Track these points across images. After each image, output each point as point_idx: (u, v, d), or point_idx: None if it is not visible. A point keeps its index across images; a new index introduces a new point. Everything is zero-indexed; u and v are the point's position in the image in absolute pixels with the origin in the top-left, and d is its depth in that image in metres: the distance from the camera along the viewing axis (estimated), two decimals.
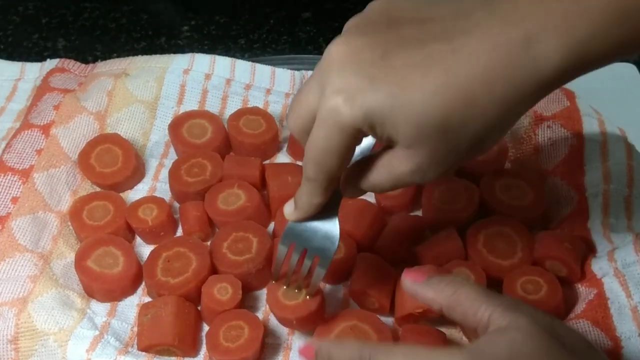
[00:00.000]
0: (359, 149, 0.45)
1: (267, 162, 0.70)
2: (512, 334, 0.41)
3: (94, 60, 0.81)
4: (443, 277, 0.48)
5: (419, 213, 0.66)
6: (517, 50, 0.39)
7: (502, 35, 0.39)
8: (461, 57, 0.39)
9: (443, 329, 0.56)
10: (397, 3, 0.43)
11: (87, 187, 0.67)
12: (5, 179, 0.64)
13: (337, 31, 0.44)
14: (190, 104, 0.74)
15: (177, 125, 0.70)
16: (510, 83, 0.39)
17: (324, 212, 0.49)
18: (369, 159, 0.45)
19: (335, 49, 0.42)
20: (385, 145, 0.44)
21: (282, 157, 0.72)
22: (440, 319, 0.51)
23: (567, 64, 0.39)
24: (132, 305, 0.60)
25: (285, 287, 0.55)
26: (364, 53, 0.41)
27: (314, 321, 0.55)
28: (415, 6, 0.42)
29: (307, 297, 0.54)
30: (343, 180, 0.47)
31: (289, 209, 0.50)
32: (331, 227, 0.50)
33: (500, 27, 0.39)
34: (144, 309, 0.57)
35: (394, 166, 0.43)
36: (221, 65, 0.76)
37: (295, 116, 0.45)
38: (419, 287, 0.48)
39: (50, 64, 0.79)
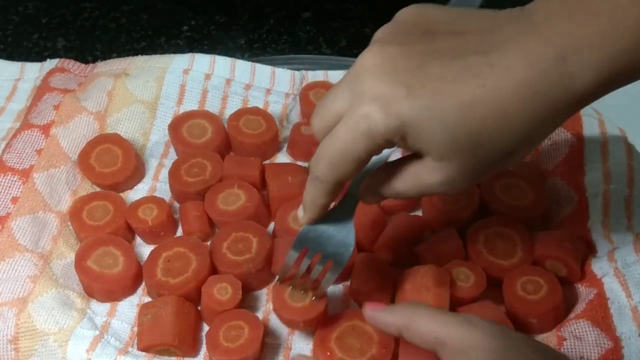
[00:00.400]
0: (374, 158, 0.45)
1: (267, 162, 0.70)
2: (471, 355, 0.43)
3: (94, 60, 0.81)
4: (402, 303, 0.51)
5: (419, 213, 0.66)
6: (552, 66, 0.39)
7: (538, 51, 0.39)
8: (498, 72, 0.39)
9: None
10: (430, 14, 0.43)
11: (87, 187, 0.67)
12: (5, 179, 0.64)
13: (337, 31, 0.44)
14: (190, 104, 0.74)
15: (177, 125, 0.70)
16: (544, 99, 0.39)
17: (339, 218, 0.49)
18: (393, 167, 0.45)
19: (371, 57, 0.42)
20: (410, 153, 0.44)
21: (282, 157, 0.72)
22: None
23: (600, 81, 0.40)
24: (132, 305, 0.60)
25: (290, 287, 0.55)
26: (400, 62, 0.41)
27: (319, 322, 0.55)
28: (449, 18, 0.43)
29: (313, 298, 0.54)
30: (364, 186, 0.47)
31: (300, 212, 0.50)
32: (346, 233, 0.50)
33: (536, 43, 0.39)
34: (144, 309, 0.57)
35: (423, 176, 0.43)
36: (221, 65, 0.76)
37: (320, 119, 0.44)
38: (378, 314, 0.48)
39: (50, 64, 0.79)
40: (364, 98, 0.41)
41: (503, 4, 0.44)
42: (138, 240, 0.65)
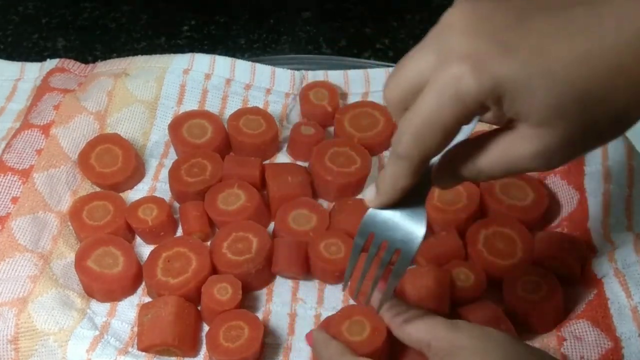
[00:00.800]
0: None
1: (267, 162, 0.70)
2: (458, 356, 0.43)
3: (94, 60, 0.81)
4: (395, 304, 0.51)
5: None
6: None
7: None
8: (608, 23, 0.35)
9: None
10: None
11: (87, 187, 0.67)
12: (5, 179, 0.64)
13: (337, 31, 0.42)
14: (190, 104, 0.74)
15: (177, 125, 0.70)
16: None
17: (410, 199, 0.43)
18: (475, 141, 0.40)
19: (459, 13, 0.37)
20: (497, 126, 0.39)
21: (282, 157, 0.72)
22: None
23: None
24: (132, 305, 0.60)
25: (354, 298, 0.51)
26: (495, 17, 0.36)
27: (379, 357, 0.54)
28: None
29: (378, 311, 0.51)
30: (438, 166, 0.42)
31: (370, 194, 0.44)
32: (417, 219, 0.44)
33: None
34: (144, 309, 0.57)
35: (515, 148, 0.38)
36: (221, 65, 0.76)
37: (395, 86, 0.39)
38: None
39: (50, 64, 0.79)
40: (452, 57, 0.36)
41: None
42: (138, 240, 0.65)
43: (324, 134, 0.71)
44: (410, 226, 0.45)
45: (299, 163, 0.70)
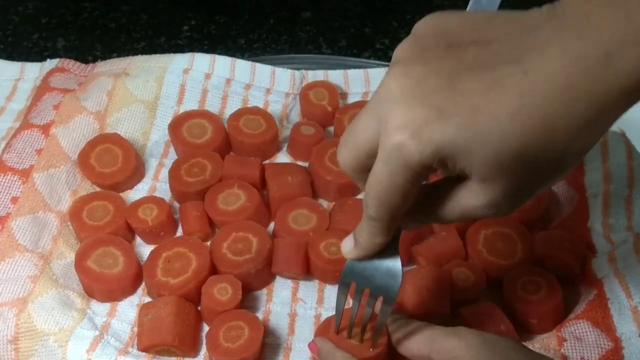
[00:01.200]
0: None
1: (267, 162, 0.70)
2: None
3: (94, 60, 0.81)
4: (395, 319, 0.52)
5: None
6: (596, 66, 0.35)
7: (578, 52, 0.35)
8: (535, 78, 0.36)
9: None
10: (451, 23, 0.40)
11: (87, 187, 0.67)
12: (5, 179, 0.64)
13: (337, 31, 0.42)
14: (190, 104, 0.74)
15: (177, 125, 0.70)
16: (591, 100, 0.36)
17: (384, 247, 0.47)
18: (434, 190, 0.42)
19: (394, 81, 0.38)
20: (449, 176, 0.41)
21: (282, 157, 0.72)
22: (441, 321, 0.51)
23: None
24: (132, 305, 0.60)
25: (348, 337, 0.52)
26: (427, 82, 0.38)
27: None
28: (473, 25, 0.39)
29: (371, 349, 0.52)
30: (404, 214, 0.44)
31: (347, 246, 0.47)
32: (393, 263, 0.48)
33: (575, 42, 0.35)
34: (144, 309, 0.57)
35: (466, 201, 0.40)
36: (221, 64, 0.76)
37: (348, 154, 0.42)
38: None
39: (50, 63, 0.79)
40: (393, 127, 0.38)
41: (524, 4, 0.40)
42: (138, 240, 0.65)
43: (324, 134, 0.71)
44: (387, 274, 0.47)
45: (299, 163, 0.70)
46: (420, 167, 0.38)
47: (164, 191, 0.68)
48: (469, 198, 0.40)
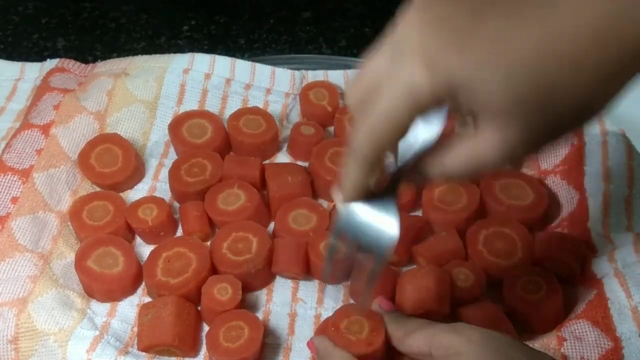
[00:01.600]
0: (417, 144, 0.40)
1: (267, 162, 0.70)
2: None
3: (94, 60, 0.81)
4: (395, 317, 0.52)
5: (419, 213, 0.66)
6: (635, 5, 0.33)
7: None
8: (564, 11, 0.33)
9: None
10: None
11: (87, 187, 0.67)
12: (5, 179, 0.64)
13: (337, 31, 0.42)
14: (190, 104, 0.74)
15: (177, 125, 0.70)
16: (622, 39, 0.33)
17: (381, 204, 0.44)
18: (441, 142, 0.40)
19: (414, 11, 0.37)
20: (460, 126, 0.39)
21: (282, 157, 0.72)
22: (441, 321, 0.51)
23: None
24: (132, 305, 0.60)
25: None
26: (449, 13, 0.36)
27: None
28: None
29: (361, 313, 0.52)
30: (408, 167, 0.43)
31: (336, 193, 0.45)
32: (389, 221, 0.45)
33: None
34: (144, 309, 0.57)
35: (478, 146, 0.37)
36: (221, 64, 0.76)
37: (355, 87, 0.40)
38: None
39: (50, 63, 0.79)
40: (408, 56, 0.36)
41: None
42: (138, 240, 0.65)
43: (324, 134, 0.71)
44: (381, 229, 0.45)
45: (299, 163, 0.70)
46: (428, 100, 0.36)
47: (164, 191, 0.68)
48: (482, 143, 0.37)
